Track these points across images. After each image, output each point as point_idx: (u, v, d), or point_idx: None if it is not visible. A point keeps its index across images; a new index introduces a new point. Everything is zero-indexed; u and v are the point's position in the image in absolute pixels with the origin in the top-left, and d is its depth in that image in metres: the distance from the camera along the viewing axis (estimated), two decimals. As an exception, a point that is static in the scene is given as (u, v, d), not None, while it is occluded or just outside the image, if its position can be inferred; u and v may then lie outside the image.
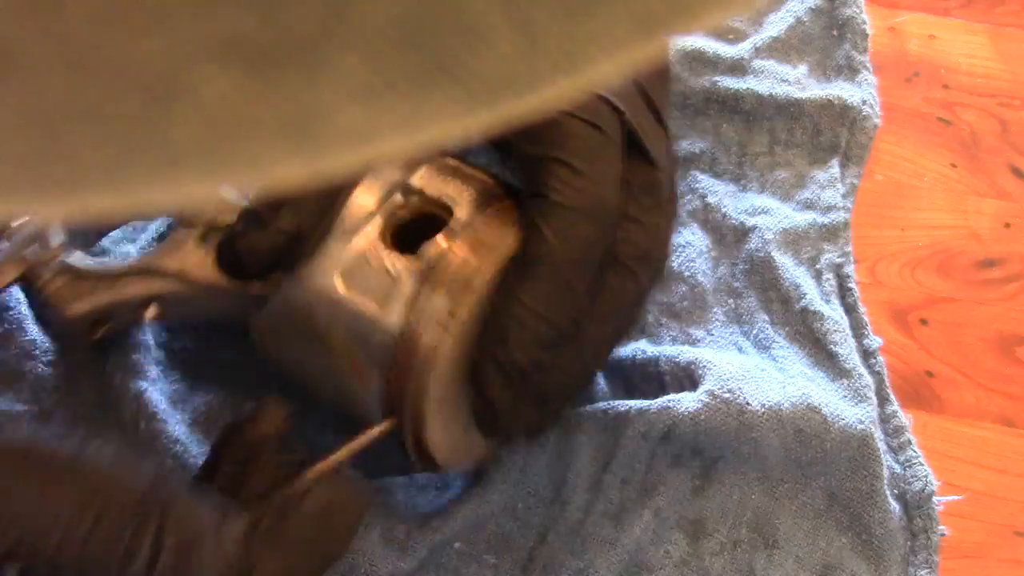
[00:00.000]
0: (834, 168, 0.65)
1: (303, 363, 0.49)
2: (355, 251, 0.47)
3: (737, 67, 0.69)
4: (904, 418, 0.56)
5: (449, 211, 0.47)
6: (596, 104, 0.46)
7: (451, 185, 0.48)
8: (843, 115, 0.67)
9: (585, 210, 0.45)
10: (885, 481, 0.53)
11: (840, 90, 0.68)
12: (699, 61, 0.69)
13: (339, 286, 0.46)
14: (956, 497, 0.54)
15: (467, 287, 0.45)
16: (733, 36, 0.71)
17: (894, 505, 0.53)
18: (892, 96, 0.70)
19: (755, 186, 0.65)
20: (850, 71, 0.70)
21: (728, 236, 0.62)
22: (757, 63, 0.69)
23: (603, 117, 0.46)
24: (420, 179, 0.48)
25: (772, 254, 0.60)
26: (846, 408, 0.54)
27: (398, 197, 0.48)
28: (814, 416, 0.52)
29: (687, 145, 0.66)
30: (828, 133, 0.66)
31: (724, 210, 0.63)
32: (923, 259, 0.63)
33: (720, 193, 0.64)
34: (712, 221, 0.63)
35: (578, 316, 0.46)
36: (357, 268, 0.47)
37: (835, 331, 0.57)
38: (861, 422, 0.53)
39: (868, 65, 0.70)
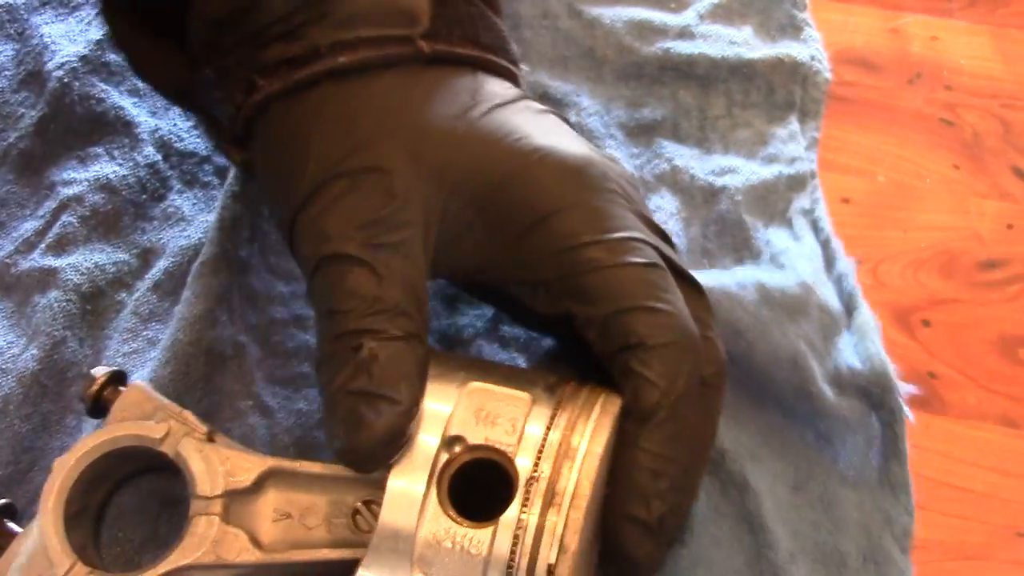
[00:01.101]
0: (793, 124, 0.67)
1: None
2: (423, 538, 0.42)
3: (685, 34, 0.70)
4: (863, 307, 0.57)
5: (503, 454, 0.43)
6: (640, 245, 0.45)
7: (502, 413, 0.43)
8: (794, 72, 0.68)
9: (680, 344, 0.44)
10: (824, 383, 0.54)
11: (788, 48, 0.69)
12: (648, 29, 0.70)
13: None
14: (912, 389, 0.55)
15: (570, 523, 0.42)
16: (675, 5, 0.72)
17: (847, 402, 0.54)
18: (894, 97, 0.70)
19: (719, 148, 0.66)
20: (794, 29, 0.71)
21: (697, 197, 0.63)
22: (703, 29, 0.70)
23: (646, 252, 0.45)
24: (460, 425, 0.43)
25: (743, 215, 0.62)
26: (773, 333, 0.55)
27: (443, 456, 0.43)
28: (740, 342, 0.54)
29: (648, 113, 0.67)
30: (782, 91, 0.68)
31: (692, 172, 0.64)
32: (925, 260, 0.63)
33: (686, 156, 0.65)
34: (680, 183, 0.64)
35: (697, 447, 0.46)
36: (431, 552, 0.42)
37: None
38: (786, 336, 0.55)
39: (810, 22, 0.71)
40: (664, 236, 0.48)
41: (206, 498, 0.46)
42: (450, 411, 0.44)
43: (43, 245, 0.58)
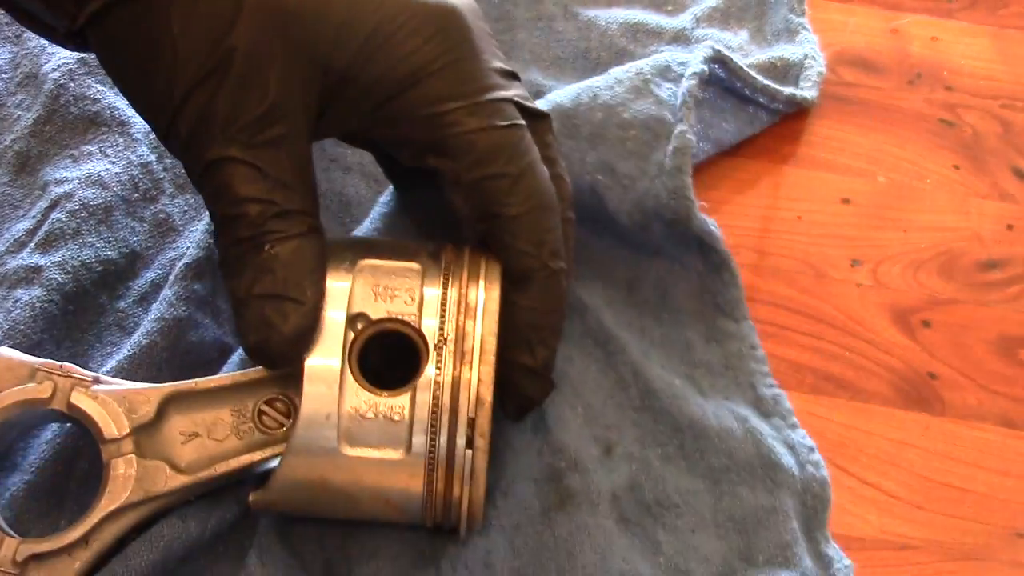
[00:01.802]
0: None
1: (323, 511, 0.49)
2: (346, 412, 0.45)
3: (680, 37, 0.70)
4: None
5: (407, 324, 0.46)
6: (501, 105, 0.47)
7: (398, 285, 0.47)
8: (787, 74, 0.68)
9: (539, 206, 0.48)
10: (627, 209, 0.58)
11: (782, 51, 0.69)
12: (643, 32, 0.70)
13: (346, 451, 0.45)
14: (714, 229, 0.58)
15: (483, 377, 0.46)
16: (672, 8, 0.72)
17: (654, 225, 0.58)
18: (894, 98, 0.70)
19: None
20: (789, 33, 0.71)
21: None
22: (699, 32, 0.70)
23: (508, 112, 0.48)
24: (360, 303, 0.46)
25: None
26: None
27: (350, 335, 0.46)
28: None
29: None
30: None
31: None
32: (925, 261, 0.63)
33: None
34: None
35: (568, 287, 0.50)
36: (355, 426, 0.45)
37: None
38: (584, 165, 0.58)
39: (807, 26, 0.71)
40: (513, 75, 0.50)
41: (115, 440, 0.47)
42: (348, 292, 0.46)
43: (32, 244, 0.58)
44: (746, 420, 0.55)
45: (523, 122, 0.48)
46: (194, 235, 0.59)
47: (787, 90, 0.66)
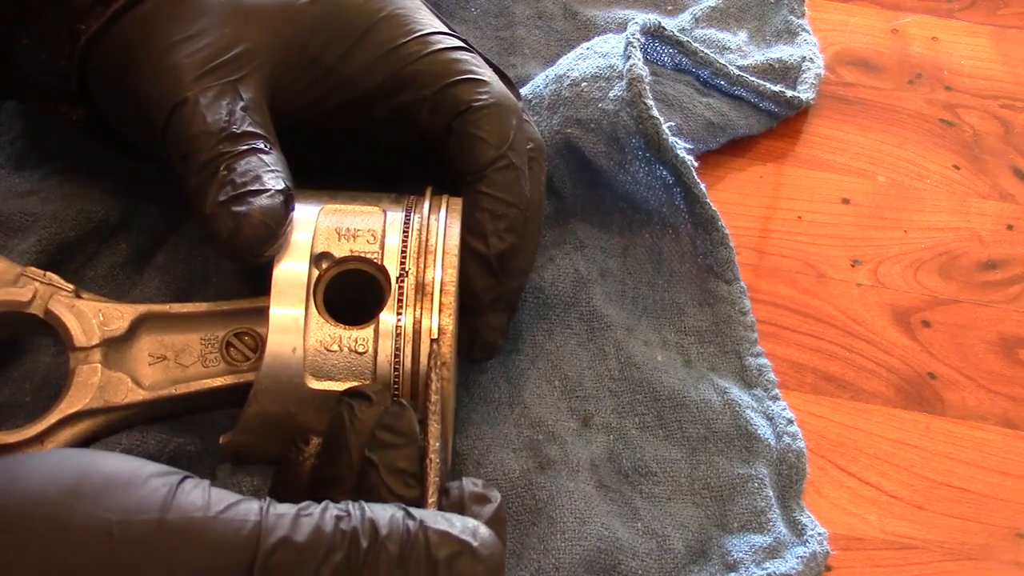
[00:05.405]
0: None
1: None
2: (312, 347, 0.46)
3: None
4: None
5: (369, 262, 0.47)
6: (446, 36, 0.52)
7: (361, 226, 0.48)
8: (784, 76, 0.69)
9: (502, 105, 0.51)
10: (611, 156, 0.60)
11: (780, 53, 0.69)
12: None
13: (312, 384, 0.46)
14: (689, 157, 0.59)
15: (444, 307, 0.47)
16: (672, 7, 0.72)
17: (634, 167, 0.59)
18: (894, 98, 0.70)
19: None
20: (789, 35, 0.71)
21: None
22: (698, 32, 0.70)
23: (455, 41, 0.52)
24: (324, 243, 0.47)
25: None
26: None
27: (314, 272, 0.47)
28: None
29: None
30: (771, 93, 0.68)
31: None
32: (926, 261, 0.63)
33: None
34: None
35: (528, 195, 0.52)
36: (321, 359, 0.46)
37: None
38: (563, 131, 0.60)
39: (807, 27, 0.71)
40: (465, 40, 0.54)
41: (84, 349, 0.48)
42: (312, 233, 0.48)
43: (34, 196, 0.57)
44: (727, 391, 0.56)
45: (473, 48, 0.53)
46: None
47: (784, 91, 0.66)
